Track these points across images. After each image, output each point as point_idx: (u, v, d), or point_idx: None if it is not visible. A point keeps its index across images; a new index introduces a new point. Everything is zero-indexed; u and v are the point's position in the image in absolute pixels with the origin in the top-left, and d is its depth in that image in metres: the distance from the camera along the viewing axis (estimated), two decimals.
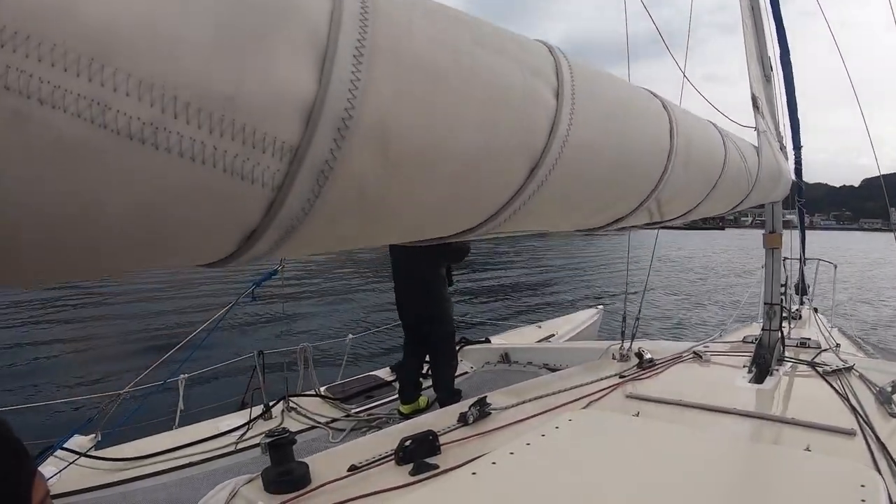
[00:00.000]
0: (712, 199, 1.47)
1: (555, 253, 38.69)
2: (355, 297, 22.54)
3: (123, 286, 18.42)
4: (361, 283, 23.89)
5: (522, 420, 2.10)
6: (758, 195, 2.04)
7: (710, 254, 45.75)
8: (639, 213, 1.10)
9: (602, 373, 2.88)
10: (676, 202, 1.27)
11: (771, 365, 2.93)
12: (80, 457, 2.96)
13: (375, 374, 4.77)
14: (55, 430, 3.22)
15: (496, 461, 1.57)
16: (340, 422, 3.82)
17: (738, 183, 1.72)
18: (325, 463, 1.79)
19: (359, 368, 5.31)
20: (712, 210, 1.72)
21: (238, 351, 4.59)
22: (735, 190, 1.73)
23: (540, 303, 17.85)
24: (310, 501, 1.53)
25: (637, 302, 3.82)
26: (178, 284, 20.40)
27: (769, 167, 2.11)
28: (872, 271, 28.38)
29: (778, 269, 3.32)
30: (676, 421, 2.17)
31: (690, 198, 1.36)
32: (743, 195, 1.87)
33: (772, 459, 1.65)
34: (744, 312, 7.65)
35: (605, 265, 29.25)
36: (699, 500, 1.43)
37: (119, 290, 18.04)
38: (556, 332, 5.88)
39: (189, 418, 3.80)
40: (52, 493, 2.00)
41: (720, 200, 1.61)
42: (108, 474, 2.97)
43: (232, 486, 1.67)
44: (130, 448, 3.22)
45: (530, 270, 27.93)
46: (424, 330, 4.20)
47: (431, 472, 1.63)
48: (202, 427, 3.56)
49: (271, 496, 1.60)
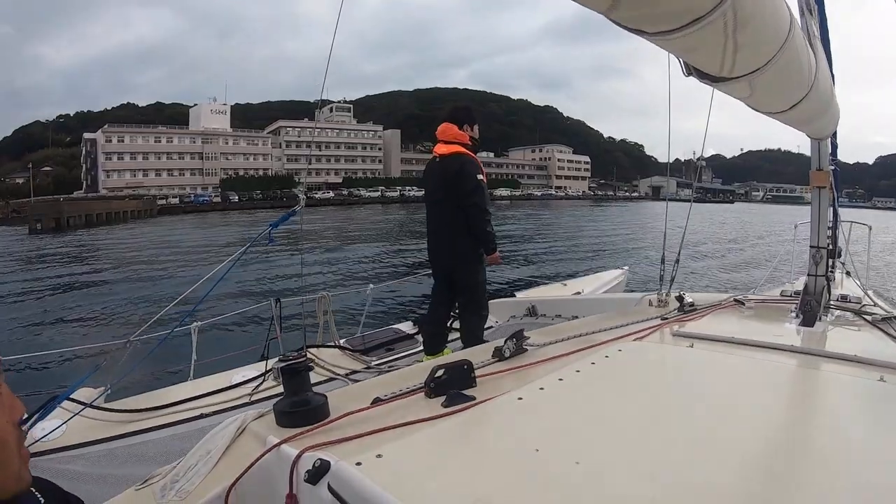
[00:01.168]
0: (778, 68, 1.36)
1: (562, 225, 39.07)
2: (375, 252, 22.62)
3: (138, 239, 18.67)
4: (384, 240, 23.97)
5: (563, 355, 1.89)
6: (813, 104, 1.94)
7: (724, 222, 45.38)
8: (715, 22, 1.01)
9: (641, 316, 2.66)
10: (750, 47, 1.18)
11: (819, 311, 2.72)
12: (86, 407, 2.81)
13: (397, 326, 4.61)
14: (62, 381, 3.10)
15: (544, 387, 1.38)
16: (361, 373, 3.66)
17: (801, 66, 1.58)
18: (345, 397, 1.59)
19: (381, 324, 5.16)
20: (779, 89, 1.64)
21: (256, 300, 4.42)
22: (797, 73, 1.59)
23: (562, 269, 17.73)
24: (328, 435, 1.33)
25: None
26: (193, 246, 20.54)
27: (824, 77, 1.98)
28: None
29: (825, 210, 3.05)
30: (734, 355, 1.96)
31: (761, 51, 1.27)
32: (804, 89, 1.74)
33: (845, 390, 1.55)
34: (774, 275, 7.45)
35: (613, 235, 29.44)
36: (774, 429, 1.32)
37: (133, 246, 18.26)
38: (582, 289, 5.68)
39: (205, 369, 3.67)
40: (58, 446, 1.82)
41: (784, 78, 1.53)
42: (116, 426, 2.82)
43: (240, 422, 1.48)
44: (141, 400, 3.09)
45: (540, 242, 28.01)
46: (454, 278, 4.05)
47: (467, 404, 1.42)
48: (217, 379, 3.42)
49: (284, 430, 1.40)
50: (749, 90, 1.45)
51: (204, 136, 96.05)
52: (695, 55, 1.21)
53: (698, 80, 1.37)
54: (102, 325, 9.90)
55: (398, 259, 19.53)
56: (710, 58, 1.20)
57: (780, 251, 7.16)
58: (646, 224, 38.01)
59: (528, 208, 71.62)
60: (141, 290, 13.80)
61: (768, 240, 27.39)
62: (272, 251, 14.89)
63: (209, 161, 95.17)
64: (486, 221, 3.91)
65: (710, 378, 1.64)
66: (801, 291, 3.03)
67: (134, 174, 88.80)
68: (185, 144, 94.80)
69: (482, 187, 3.88)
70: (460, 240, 3.94)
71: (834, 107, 2.41)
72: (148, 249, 25.19)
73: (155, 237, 33.20)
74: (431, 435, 1.26)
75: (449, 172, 3.92)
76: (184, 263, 19.32)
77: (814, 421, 1.36)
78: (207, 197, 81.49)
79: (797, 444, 1.23)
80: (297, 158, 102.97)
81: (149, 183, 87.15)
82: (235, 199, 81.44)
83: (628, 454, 1.15)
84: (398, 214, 50.17)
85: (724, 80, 1.33)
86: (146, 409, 2.97)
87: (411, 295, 8.85)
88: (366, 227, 36.60)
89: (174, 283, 13.77)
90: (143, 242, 29.84)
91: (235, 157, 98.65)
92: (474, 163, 3.93)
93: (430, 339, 4.05)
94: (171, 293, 8.89)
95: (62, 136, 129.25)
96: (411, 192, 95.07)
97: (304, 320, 3.70)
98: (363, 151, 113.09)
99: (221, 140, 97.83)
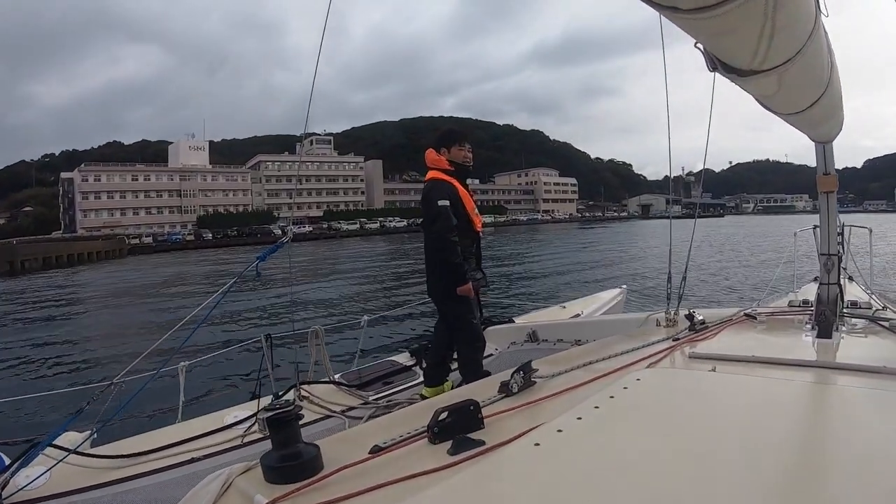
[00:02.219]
0: (806, 60, 1.32)
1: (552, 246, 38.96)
2: (367, 282, 22.37)
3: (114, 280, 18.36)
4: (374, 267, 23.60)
5: (574, 387, 1.76)
6: (827, 104, 1.92)
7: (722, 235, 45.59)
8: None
9: (651, 338, 2.53)
10: (786, 31, 1.11)
11: (834, 320, 2.63)
12: (70, 453, 2.65)
13: (394, 358, 4.44)
14: (45, 425, 2.95)
15: (562, 428, 1.24)
16: (358, 410, 3.49)
17: (823, 60, 1.55)
18: (341, 446, 1.45)
19: (376, 358, 5.00)
20: (804, 84, 1.60)
21: (246, 337, 4.26)
22: (820, 67, 1.57)
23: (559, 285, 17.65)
24: (323, 493, 1.18)
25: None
26: (176, 278, 20.19)
27: (837, 74, 1.96)
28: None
29: (834, 216, 2.97)
30: (759, 376, 1.86)
31: (794, 37, 1.21)
32: (822, 86, 1.71)
33: (879, 405, 1.46)
34: (774, 287, 7.40)
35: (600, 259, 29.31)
36: (815, 452, 1.25)
37: (111, 285, 17.95)
38: (581, 310, 5.55)
39: (194, 410, 3.52)
40: (42, 495, 1.65)
41: (809, 71, 1.49)
42: (103, 473, 2.67)
43: (224, 477, 1.33)
44: (128, 444, 2.93)
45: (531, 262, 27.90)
46: (441, 309, 3.91)
47: (477, 449, 1.27)
48: (207, 420, 3.26)
49: (274, 487, 1.26)
50: (777, 86, 1.38)
51: (181, 173, 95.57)
52: (729, 40, 1.12)
53: (724, 74, 1.28)
54: (69, 369, 9.65)
55: (390, 290, 19.35)
56: (745, 43, 1.11)
57: (781, 259, 7.11)
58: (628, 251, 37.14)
59: (515, 234, 70.88)
60: (93, 332, 13.58)
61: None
62: (259, 287, 14.67)
63: (187, 198, 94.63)
64: (448, 250, 3.65)
65: (740, 403, 1.53)
66: (809, 301, 2.97)
67: (111, 213, 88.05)
68: (163, 182, 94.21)
69: (443, 213, 3.64)
70: (438, 273, 3.79)
71: (841, 108, 2.37)
72: (104, 292, 24.67)
73: (116, 278, 32.32)
74: (439, 491, 1.11)
75: (422, 199, 3.83)
76: (142, 305, 18.94)
77: (855, 441, 1.24)
78: (180, 235, 78.82)
79: (843, 466, 1.12)
80: (277, 193, 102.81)
81: (126, 222, 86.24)
82: (209, 237, 78.40)
83: (667, 499, 1.01)
84: (378, 246, 49.37)
85: (753, 74, 1.24)
86: (133, 454, 2.81)
87: (408, 325, 8.68)
88: (348, 260, 36.21)
89: (166, 314, 13.53)
90: (101, 284, 29.03)
91: (214, 194, 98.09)
92: (438, 188, 3.73)
93: (431, 370, 3.89)
94: (160, 329, 8.68)
95: (47, 175, 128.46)
96: (391, 223, 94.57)
97: (296, 356, 3.54)
98: (345, 183, 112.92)
99: (199, 177, 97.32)
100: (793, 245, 4.87)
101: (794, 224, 3.07)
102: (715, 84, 2.27)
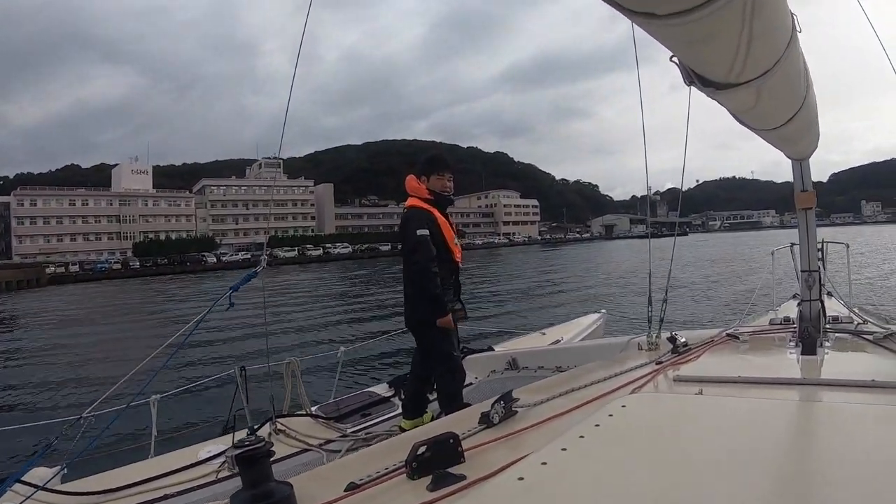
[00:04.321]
0: (784, 71, 1.31)
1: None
2: (343, 312, 21.93)
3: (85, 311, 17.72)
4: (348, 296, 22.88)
5: (558, 416, 1.71)
6: (804, 119, 1.92)
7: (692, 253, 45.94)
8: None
9: (634, 362, 2.49)
10: (763, 38, 1.10)
11: (818, 337, 2.63)
12: (39, 490, 2.56)
13: (372, 390, 4.37)
14: (12, 461, 2.84)
15: (546, 461, 1.19)
16: (335, 443, 3.40)
17: (800, 72, 1.55)
18: (316, 483, 1.39)
19: (353, 389, 4.90)
20: (781, 99, 1.59)
21: (219, 369, 4.15)
22: (797, 79, 1.56)
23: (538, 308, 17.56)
24: None
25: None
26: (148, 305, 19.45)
27: (812, 89, 1.97)
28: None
29: (813, 232, 3.01)
30: (746, 397, 1.84)
31: (771, 46, 1.20)
32: (799, 101, 1.70)
33: (869, 421, 1.45)
34: (752, 307, 7.48)
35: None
36: (809, 472, 1.23)
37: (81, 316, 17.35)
38: (561, 337, 5.53)
39: (167, 445, 3.42)
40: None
41: (787, 84, 1.49)
42: None
43: None
44: (99, 480, 2.84)
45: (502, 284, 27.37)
46: (418, 339, 3.84)
47: (458, 485, 1.22)
48: (180, 455, 3.17)
49: None
50: (755, 99, 1.37)
51: (121, 198, 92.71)
52: (707, 49, 1.10)
53: (700, 88, 1.27)
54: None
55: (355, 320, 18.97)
56: (723, 53, 1.10)
57: (759, 279, 7.21)
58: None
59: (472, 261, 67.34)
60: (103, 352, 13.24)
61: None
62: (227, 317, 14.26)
63: (126, 224, 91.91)
64: (428, 280, 3.59)
65: (729, 425, 1.50)
66: (791, 318, 2.97)
67: (48, 239, 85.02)
68: (102, 207, 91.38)
69: (423, 243, 3.60)
70: (417, 303, 3.73)
71: (817, 124, 2.40)
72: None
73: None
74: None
75: (400, 227, 3.79)
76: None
77: (848, 457, 1.22)
78: (106, 264, 75.37)
79: (837, 485, 1.09)
80: (223, 218, 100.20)
81: (63, 248, 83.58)
82: (137, 266, 74.74)
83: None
84: (300, 279, 45.29)
85: (731, 87, 1.23)
86: (104, 490, 2.72)
87: (386, 355, 8.53)
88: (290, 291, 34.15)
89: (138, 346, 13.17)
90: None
91: (156, 219, 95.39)
92: (417, 217, 3.69)
93: (409, 402, 3.82)
94: (130, 362, 8.46)
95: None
96: (335, 250, 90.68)
97: (271, 389, 3.45)
98: (294, 208, 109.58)
99: (140, 201, 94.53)
100: (770, 263, 4.92)
101: (757, 241, 3.09)
102: (691, 100, 2.29)
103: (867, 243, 41.43)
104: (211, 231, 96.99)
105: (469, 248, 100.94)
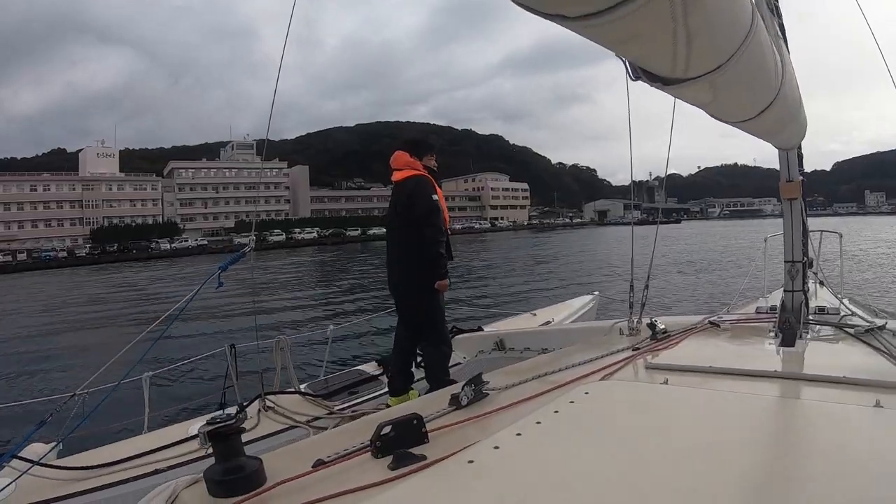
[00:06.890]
0: (742, 66, 1.21)
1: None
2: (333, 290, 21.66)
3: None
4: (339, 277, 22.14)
5: (527, 399, 1.76)
6: (780, 111, 1.82)
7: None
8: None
9: (612, 347, 2.53)
10: (706, 35, 1.00)
11: (798, 328, 2.63)
12: (35, 465, 2.64)
13: (361, 368, 4.43)
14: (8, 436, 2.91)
15: (499, 445, 1.25)
16: (323, 420, 3.48)
17: (767, 65, 1.45)
18: (285, 459, 1.45)
19: (343, 366, 4.98)
20: (745, 92, 1.49)
21: (210, 347, 4.23)
22: (763, 73, 1.46)
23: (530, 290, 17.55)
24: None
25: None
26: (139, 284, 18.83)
27: (791, 79, 1.88)
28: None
29: (798, 222, 2.96)
30: (713, 388, 1.85)
31: (720, 41, 1.10)
32: (771, 93, 1.61)
33: (839, 419, 1.43)
34: (746, 290, 7.48)
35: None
36: (760, 470, 1.20)
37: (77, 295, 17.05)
38: (552, 318, 5.59)
39: (160, 421, 3.52)
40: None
41: (749, 78, 1.38)
42: (68, 484, 2.67)
43: (171, 491, 1.33)
44: (93, 455, 2.91)
45: None
46: (412, 309, 3.92)
47: (417, 465, 1.29)
48: (172, 430, 3.24)
49: (216, 500, 1.26)
50: (711, 94, 1.30)
51: (84, 183, 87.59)
52: (639, 48, 1.02)
53: (648, 83, 1.19)
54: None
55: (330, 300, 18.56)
56: (658, 51, 1.02)
57: (751, 265, 7.16)
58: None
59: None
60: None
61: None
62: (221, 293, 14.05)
63: (90, 209, 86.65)
64: (440, 243, 3.78)
65: (689, 416, 1.51)
66: (777, 307, 2.94)
67: (8, 226, 79.55)
68: (64, 192, 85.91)
69: (437, 207, 3.78)
70: (416, 268, 3.82)
71: (802, 114, 2.34)
72: None
73: None
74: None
75: (403, 195, 3.86)
76: None
77: (807, 454, 1.25)
78: (52, 252, 68.94)
79: (790, 483, 1.11)
80: (191, 202, 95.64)
81: (24, 235, 78.98)
82: (84, 254, 69.14)
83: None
84: (271, 262, 41.98)
85: (680, 82, 1.16)
86: (98, 465, 2.81)
87: (376, 333, 8.61)
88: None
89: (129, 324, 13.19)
90: None
91: (121, 204, 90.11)
92: (429, 183, 3.86)
93: (395, 379, 3.90)
94: (122, 338, 8.49)
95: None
96: (300, 235, 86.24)
97: (261, 366, 3.52)
98: (266, 191, 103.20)
99: (105, 186, 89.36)
100: (763, 250, 4.92)
101: (747, 231, 3.07)
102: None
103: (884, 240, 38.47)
104: (178, 216, 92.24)
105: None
